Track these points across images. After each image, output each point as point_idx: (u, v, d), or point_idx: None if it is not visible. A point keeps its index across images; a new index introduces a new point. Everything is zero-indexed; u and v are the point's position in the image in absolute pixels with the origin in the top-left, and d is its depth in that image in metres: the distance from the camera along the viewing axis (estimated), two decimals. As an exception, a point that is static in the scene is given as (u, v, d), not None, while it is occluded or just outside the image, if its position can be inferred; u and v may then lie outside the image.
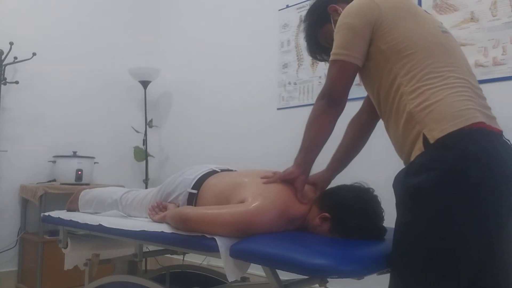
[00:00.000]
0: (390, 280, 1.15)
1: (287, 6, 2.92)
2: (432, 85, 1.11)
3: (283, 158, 1.40)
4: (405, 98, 1.13)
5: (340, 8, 1.36)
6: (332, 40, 1.26)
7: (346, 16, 1.23)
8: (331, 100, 1.26)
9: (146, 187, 3.44)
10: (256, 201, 1.27)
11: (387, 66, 1.18)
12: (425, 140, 1.08)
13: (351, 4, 1.25)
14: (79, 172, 3.06)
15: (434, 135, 1.06)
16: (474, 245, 1.01)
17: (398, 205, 1.13)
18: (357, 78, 1.30)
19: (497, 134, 1.11)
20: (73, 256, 2.05)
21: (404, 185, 1.10)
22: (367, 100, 1.52)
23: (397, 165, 1.21)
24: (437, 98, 1.09)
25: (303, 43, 1.48)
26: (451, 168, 1.02)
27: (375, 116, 1.48)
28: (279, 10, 2.96)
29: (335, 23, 1.32)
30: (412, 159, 1.11)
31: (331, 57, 1.25)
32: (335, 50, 1.23)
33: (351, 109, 1.43)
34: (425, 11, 1.29)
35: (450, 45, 1.21)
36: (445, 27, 1.27)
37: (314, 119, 1.29)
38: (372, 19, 1.19)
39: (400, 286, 1.11)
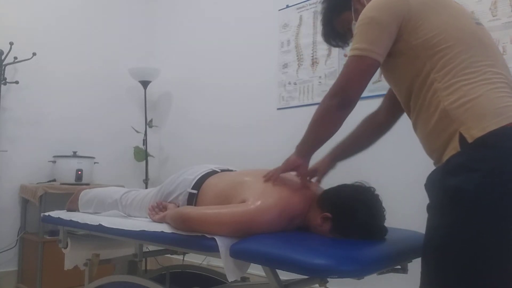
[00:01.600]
0: (423, 283, 1.08)
1: (287, 6, 2.92)
2: (469, 80, 1.05)
3: (283, 157, 1.40)
4: (439, 95, 1.07)
5: None
6: (349, 29, 1.20)
7: (372, 9, 1.15)
8: (344, 99, 1.17)
9: (146, 187, 3.44)
10: (256, 201, 1.27)
11: (419, 62, 1.11)
12: (462, 139, 1.01)
13: None
14: (79, 172, 3.06)
15: (473, 134, 1.00)
16: None
17: (434, 207, 1.08)
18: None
19: None
20: (73, 256, 2.05)
21: (442, 185, 1.04)
22: (386, 101, 1.47)
23: (399, 164, 1.21)
24: (475, 94, 1.03)
25: (303, 43, 1.47)
26: (494, 169, 0.96)
27: (393, 120, 1.45)
28: (279, 10, 2.96)
29: (355, 12, 1.26)
30: (445, 158, 1.05)
31: (352, 52, 1.16)
32: (357, 44, 1.14)
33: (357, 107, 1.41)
34: (456, 2, 1.21)
35: (486, 37, 1.14)
36: (478, 19, 1.21)
37: (322, 118, 1.24)
38: (401, 15, 1.12)
39: None
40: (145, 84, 3.53)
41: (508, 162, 0.97)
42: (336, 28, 1.39)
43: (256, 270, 1.34)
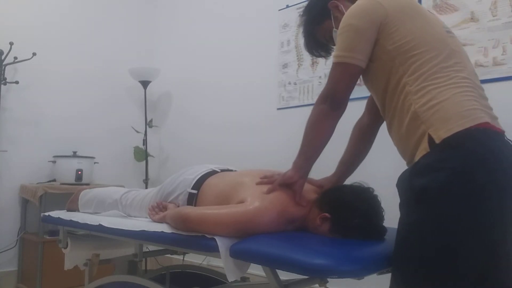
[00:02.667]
0: (392, 281, 1.14)
1: (287, 6, 2.92)
2: (438, 84, 1.10)
3: (283, 158, 1.40)
4: (410, 98, 1.12)
5: (341, 5, 1.34)
6: (331, 37, 1.25)
7: (350, 17, 1.21)
8: (333, 103, 1.23)
9: (146, 187, 3.44)
10: (256, 201, 1.27)
11: (393, 66, 1.17)
12: (431, 140, 1.06)
13: (355, 4, 1.23)
14: (79, 172, 3.06)
15: (440, 135, 1.05)
16: (479, 246, 1.00)
17: (402, 205, 1.13)
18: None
19: (501, 134, 1.11)
20: (73, 256, 2.05)
21: (410, 185, 1.09)
22: (368, 104, 1.51)
23: (398, 164, 1.21)
24: (443, 97, 1.08)
25: (303, 43, 1.48)
26: (457, 169, 1.01)
27: (376, 119, 1.48)
28: (279, 10, 2.96)
29: (335, 20, 1.31)
30: (416, 159, 1.10)
31: (335, 59, 1.23)
32: (339, 52, 1.21)
33: (351, 110, 1.42)
34: (429, 11, 1.29)
35: (455, 45, 1.20)
36: (449, 28, 1.27)
37: (315, 123, 1.28)
38: (378, 20, 1.18)
39: (402, 287, 1.10)
40: (145, 84, 3.53)
41: (469, 163, 1.02)
42: (318, 38, 1.45)
43: (256, 270, 1.34)
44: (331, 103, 1.23)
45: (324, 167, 1.55)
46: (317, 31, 1.44)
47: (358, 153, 1.54)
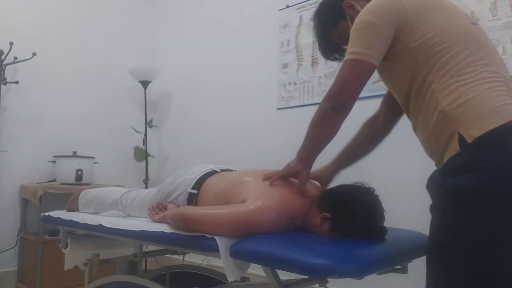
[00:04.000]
0: (428, 284, 1.09)
1: (287, 6, 2.92)
2: (466, 80, 1.05)
3: (283, 158, 1.40)
4: (436, 96, 1.07)
5: (357, 4, 1.29)
6: (347, 38, 1.18)
7: (367, 13, 1.15)
8: (338, 103, 1.18)
9: (146, 187, 3.44)
10: (256, 201, 1.27)
11: (417, 64, 1.11)
12: (461, 139, 1.01)
13: (373, 1, 1.18)
14: (79, 172, 3.06)
15: (472, 134, 1.00)
16: None
17: (436, 207, 1.08)
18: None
19: None
20: (73, 256, 2.05)
21: (443, 186, 1.04)
22: (384, 104, 1.47)
23: (398, 164, 1.21)
24: (472, 94, 1.03)
25: (303, 43, 1.47)
26: (495, 168, 0.97)
27: (391, 122, 1.45)
28: (279, 10, 2.96)
29: (351, 20, 1.25)
30: (445, 159, 1.05)
31: (347, 56, 1.16)
32: (353, 48, 1.14)
33: (357, 108, 1.41)
34: (451, 2, 1.21)
35: (482, 37, 1.14)
36: (474, 19, 1.22)
37: (318, 121, 1.24)
38: (397, 18, 1.12)
39: None
40: (145, 84, 3.53)
41: (508, 161, 0.97)
42: (333, 41, 1.38)
43: (256, 270, 1.34)
44: (336, 102, 1.19)
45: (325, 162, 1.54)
46: (332, 34, 1.37)
47: (362, 150, 1.51)
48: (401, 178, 2.18)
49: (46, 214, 2.06)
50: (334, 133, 1.25)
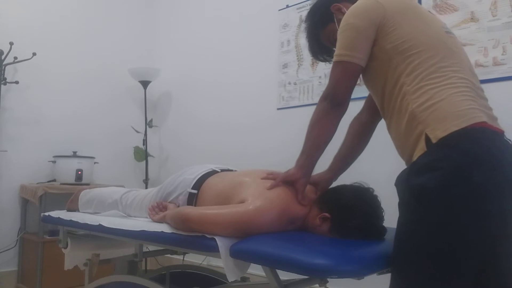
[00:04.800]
0: (391, 280, 1.14)
1: (287, 6, 2.92)
2: (435, 84, 1.11)
3: (283, 158, 1.40)
4: (407, 98, 1.13)
5: (344, 7, 1.35)
6: (335, 40, 1.25)
7: (350, 16, 1.22)
8: (334, 102, 1.24)
9: (146, 187, 3.44)
10: (256, 201, 1.27)
11: (391, 66, 1.17)
12: (428, 139, 1.07)
13: (355, 4, 1.24)
14: (79, 172, 3.06)
15: (437, 135, 1.06)
16: (477, 245, 1.01)
17: (401, 204, 1.13)
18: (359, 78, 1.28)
19: (500, 134, 1.11)
20: (73, 256, 2.05)
21: (408, 185, 1.10)
22: (367, 101, 1.52)
23: (398, 164, 1.21)
24: (440, 97, 1.09)
25: (303, 43, 1.49)
26: (454, 168, 1.02)
27: (375, 117, 1.48)
28: (279, 10, 2.96)
29: (338, 22, 1.31)
30: (414, 159, 1.10)
31: (335, 58, 1.24)
32: (339, 51, 1.22)
33: (353, 109, 1.42)
34: (429, 11, 1.30)
35: (454, 45, 1.21)
36: (449, 28, 1.28)
37: (317, 121, 1.28)
38: (377, 20, 1.18)
39: (402, 286, 1.11)
40: (145, 84, 3.53)
41: (465, 162, 1.02)
42: (322, 43, 1.46)
43: (256, 270, 1.34)
44: (332, 101, 1.25)
45: (326, 166, 1.55)
46: (321, 35, 1.44)
47: (354, 149, 1.54)
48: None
49: (46, 214, 2.07)
50: (333, 132, 1.28)
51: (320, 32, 1.44)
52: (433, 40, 1.17)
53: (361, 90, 1.49)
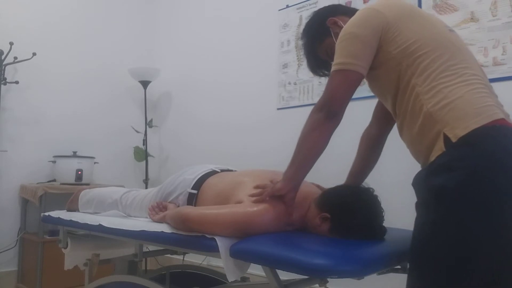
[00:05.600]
0: (408, 280, 1.12)
1: (287, 6, 2.92)
2: (449, 82, 1.09)
3: (283, 158, 1.40)
4: (421, 98, 1.11)
5: (340, 21, 1.34)
6: (333, 53, 1.21)
7: (351, 26, 1.20)
8: (330, 112, 1.18)
9: (146, 187, 3.44)
10: (255, 202, 1.27)
11: (401, 70, 1.15)
12: (446, 139, 1.05)
13: (355, 15, 1.22)
14: (79, 172, 3.06)
15: (457, 133, 1.03)
16: (497, 247, 0.99)
17: (420, 204, 1.11)
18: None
19: None
20: (73, 256, 2.05)
21: (426, 185, 1.08)
22: (375, 114, 1.51)
23: (400, 165, 1.21)
24: (456, 95, 1.07)
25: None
26: (474, 168, 1.00)
27: (385, 129, 1.48)
28: (279, 10, 2.96)
29: (335, 36, 1.29)
30: (432, 159, 1.08)
31: (334, 67, 1.20)
32: (339, 59, 1.18)
33: (354, 109, 1.41)
34: (428, 12, 1.29)
35: (458, 42, 1.20)
36: (450, 27, 1.27)
37: (310, 133, 1.22)
38: (379, 27, 1.17)
39: (419, 285, 1.09)
40: (145, 84, 3.53)
41: (486, 161, 1.00)
42: (320, 57, 1.44)
43: (256, 270, 1.34)
44: (328, 112, 1.19)
45: (323, 173, 1.55)
46: (319, 50, 1.43)
47: (367, 163, 1.53)
48: (400, 178, 2.18)
49: (46, 214, 2.07)
50: (325, 144, 1.23)
51: (318, 47, 1.42)
52: (438, 39, 1.15)
53: (362, 90, 1.48)
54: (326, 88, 1.21)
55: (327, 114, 1.19)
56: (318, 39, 1.42)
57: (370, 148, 1.51)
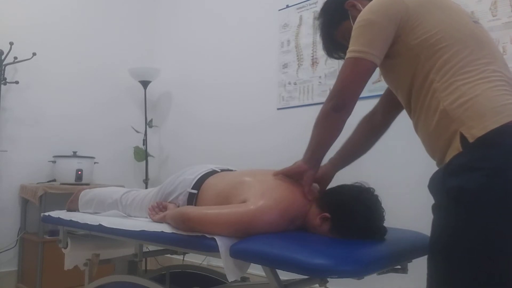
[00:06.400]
0: (432, 285, 1.08)
1: (287, 6, 2.92)
2: (468, 79, 1.04)
3: (283, 158, 1.40)
4: (438, 95, 1.06)
5: (359, 4, 1.29)
6: (350, 37, 1.18)
7: (368, 12, 1.15)
8: (339, 103, 1.17)
9: (146, 187, 3.44)
10: (257, 201, 1.27)
11: (419, 62, 1.10)
12: (463, 139, 1.00)
13: (374, 0, 1.17)
14: (79, 172, 3.06)
15: (474, 134, 0.99)
16: None
17: (438, 207, 1.07)
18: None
19: None
20: (73, 256, 2.05)
21: (444, 186, 1.03)
22: (382, 101, 1.47)
23: (401, 165, 1.20)
24: (474, 93, 1.02)
25: (303, 43, 1.46)
26: (496, 168, 0.96)
27: (389, 119, 1.45)
28: (279, 10, 2.96)
29: (353, 19, 1.24)
30: (447, 159, 1.04)
31: (348, 54, 1.16)
32: (354, 47, 1.14)
33: (357, 107, 1.41)
34: (453, 1, 1.20)
35: (484, 35, 1.14)
36: (476, 18, 1.22)
37: (318, 122, 1.24)
38: (398, 16, 1.11)
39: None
40: (145, 84, 3.53)
41: (508, 161, 0.96)
42: (336, 40, 1.39)
43: (256, 270, 1.34)
44: (336, 103, 1.18)
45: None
46: (336, 33, 1.38)
47: (360, 149, 1.50)
48: (401, 178, 2.18)
49: (46, 214, 2.06)
50: (336, 133, 1.24)
51: (335, 30, 1.37)
52: (461, 32, 1.10)
53: (363, 90, 1.47)
54: (338, 77, 1.19)
55: (335, 106, 1.18)
56: (335, 22, 1.36)
57: (369, 134, 1.48)
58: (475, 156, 0.99)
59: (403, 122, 1.40)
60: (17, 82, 3.07)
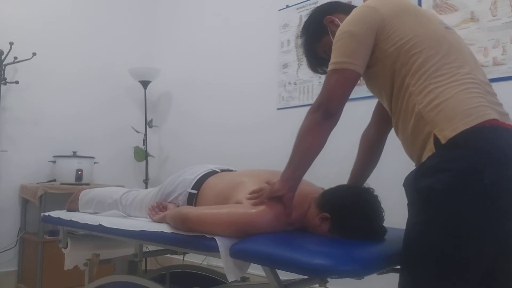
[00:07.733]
0: (400, 281, 1.12)
1: (287, 6, 2.92)
2: (440, 82, 1.08)
3: (283, 158, 1.40)
4: (413, 98, 1.11)
5: (336, 19, 1.35)
6: (331, 51, 1.22)
7: (347, 24, 1.20)
8: (327, 112, 1.18)
9: (146, 187, 3.44)
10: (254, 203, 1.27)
11: (396, 68, 1.15)
12: (436, 140, 1.05)
13: (351, 14, 1.22)
14: (79, 172, 3.06)
15: (445, 135, 1.03)
16: (487, 245, 1.00)
17: (411, 205, 1.12)
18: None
19: (511, 131, 1.07)
20: (73, 256, 2.05)
21: (415, 186, 1.08)
22: (374, 114, 1.50)
23: (402, 165, 1.21)
24: (446, 96, 1.06)
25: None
26: (464, 169, 1.00)
27: (384, 129, 1.47)
28: (279, 10, 2.96)
29: (333, 34, 1.29)
30: (423, 160, 1.08)
31: (331, 66, 1.20)
32: (336, 59, 1.19)
33: (349, 110, 1.42)
34: (424, 9, 1.28)
35: (455, 40, 1.18)
36: (447, 24, 1.25)
37: (306, 133, 1.22)
38: (375, 25, 1.17)
39: (411, 286, 1.09)
40: (145, 84, 3.53)
41: (476, 162, 1.00)
42: (319, 55, 1.44)
43: (256, 270, 1.34)
44: (325, 112, 1.18)
45: (321, 174, 1.54)
46: (317, 48, 1.43)
47: (367, 165, 1.52)
48: (401, 178, 2.18)
49: (46, 214, 2.07)
50: (323, 144, 1.22)
51: (316, 45, 1.43)
52: (433, 37, 1.14)
53: (361, 90, 1.48)
54: (323, 88, 1.21)
55: (324, 114, 1.19)
56: (316, 38, 1.42)
57: (370, 150, 1.51)
58: (445, 158, 1.03)
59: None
60: (17, 82, 3.07)
